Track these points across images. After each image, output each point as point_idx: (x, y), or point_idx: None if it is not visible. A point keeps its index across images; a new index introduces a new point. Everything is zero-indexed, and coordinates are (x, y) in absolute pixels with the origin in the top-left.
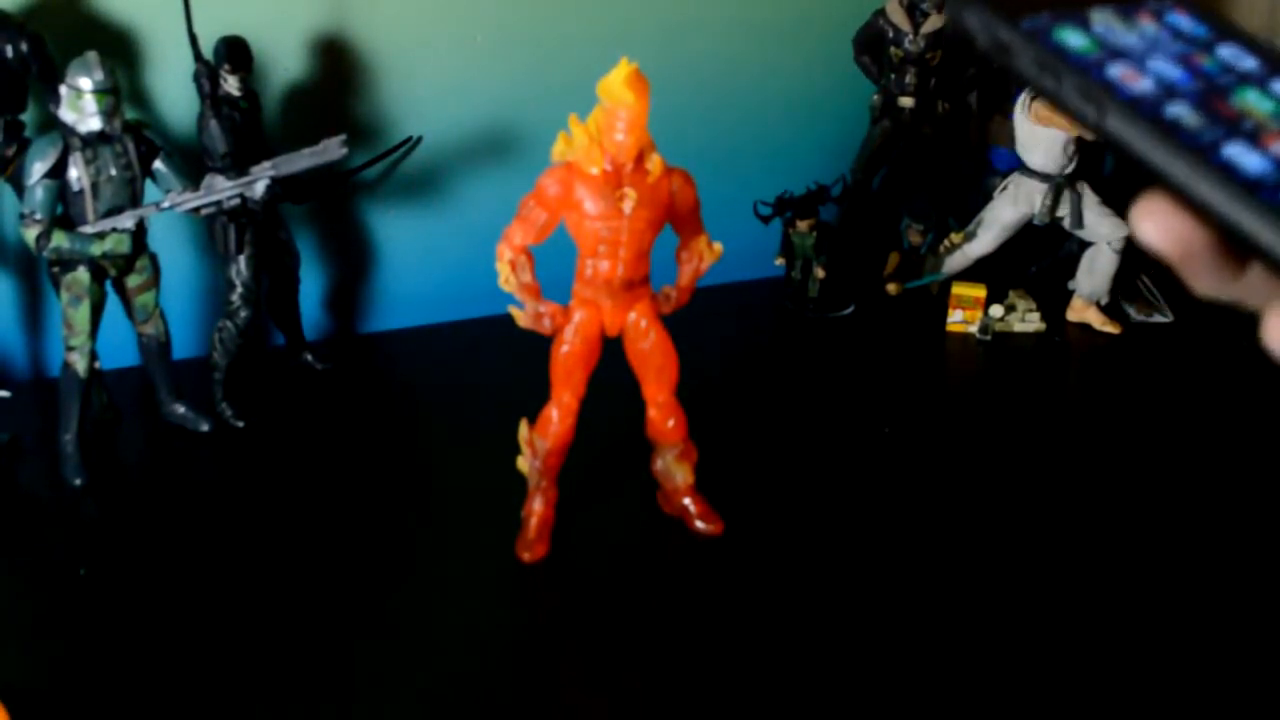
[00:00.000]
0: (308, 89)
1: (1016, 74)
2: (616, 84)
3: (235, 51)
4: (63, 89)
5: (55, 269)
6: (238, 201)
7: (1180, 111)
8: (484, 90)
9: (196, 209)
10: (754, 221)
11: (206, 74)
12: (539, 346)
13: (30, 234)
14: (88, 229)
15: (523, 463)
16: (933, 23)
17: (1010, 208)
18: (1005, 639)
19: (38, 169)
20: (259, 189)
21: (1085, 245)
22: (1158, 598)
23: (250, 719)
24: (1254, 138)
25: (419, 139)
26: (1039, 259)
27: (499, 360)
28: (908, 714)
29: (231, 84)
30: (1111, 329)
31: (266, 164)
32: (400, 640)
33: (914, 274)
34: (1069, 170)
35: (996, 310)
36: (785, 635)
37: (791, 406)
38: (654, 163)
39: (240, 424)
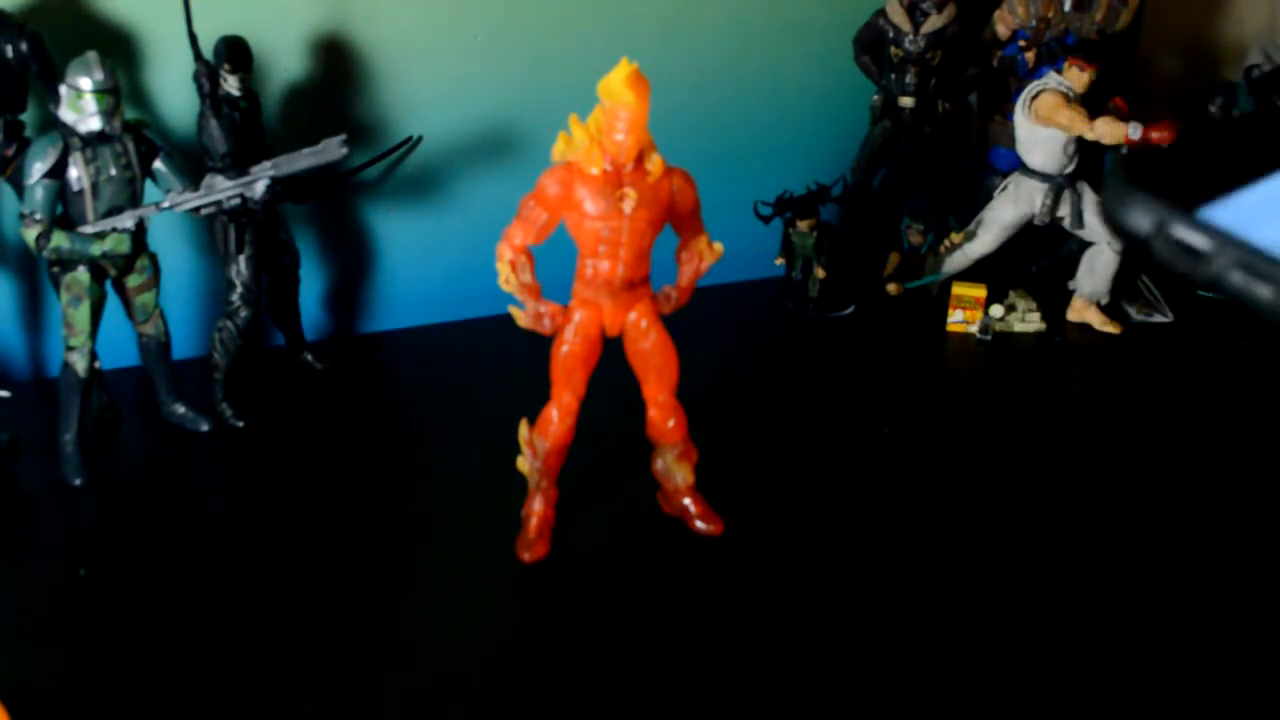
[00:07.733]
0: (308, 89)
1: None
2: (617, 84)
3: (235, 51)
4: (63, 89)
5: (55, 269)
6: (238, 201)
7: None
8: (484, 90)
9: (196, 209)
10: (754, 221)
11: (206, 74)
12: (539, 346)
13: (30, 234)
14: (88, 229)
15: (523, 463)
16: (933, 23)
17: (1010, 207)
18: (1005, 637)
19: (38, 169)
20: (259, 189)
21: (1085, 245)
22: (1157, 595)
23: (249, 717)
24: None
25: (419, 139)
26: (1039, 259)
27: (499, 360)
28: (908, 713)
29: (231, 84)
30: (1111, 329)
31: (266, 164)
32: (400, 639)
33: (914, 274)
34: (1069, 170)
35: (996, 310)
36: (785, 634)
37: (791, 406)
38: (654, 163)
39: (240, 424)
